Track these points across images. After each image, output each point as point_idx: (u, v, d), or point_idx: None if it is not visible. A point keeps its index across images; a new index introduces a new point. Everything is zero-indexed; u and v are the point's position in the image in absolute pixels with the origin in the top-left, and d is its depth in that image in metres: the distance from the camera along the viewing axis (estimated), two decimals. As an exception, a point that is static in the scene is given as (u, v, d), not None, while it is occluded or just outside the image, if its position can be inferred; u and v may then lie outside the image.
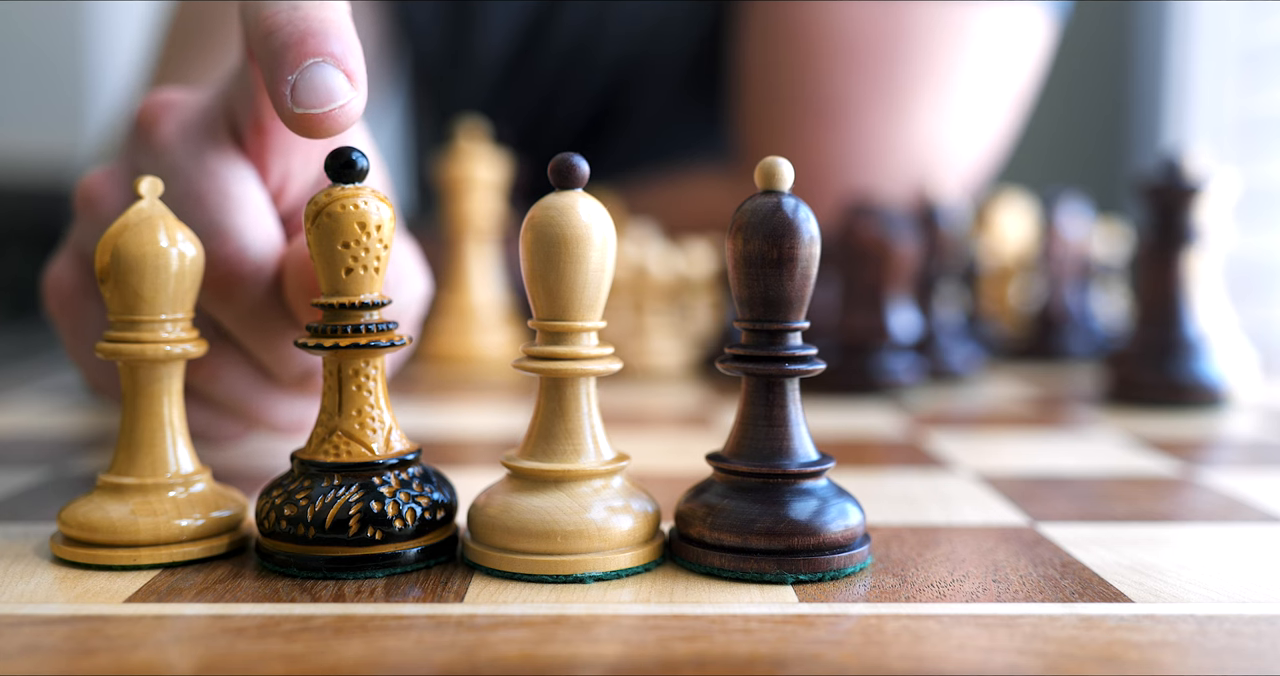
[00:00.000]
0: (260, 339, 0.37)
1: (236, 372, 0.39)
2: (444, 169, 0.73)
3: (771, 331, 0.31)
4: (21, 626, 0.26)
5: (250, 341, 0.37)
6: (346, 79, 0.30)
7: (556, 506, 0.30)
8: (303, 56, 0.30)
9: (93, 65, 1.58)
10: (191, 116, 0.37)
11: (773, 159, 0.31)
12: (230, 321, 0.37)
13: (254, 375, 0.39)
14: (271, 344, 0.37)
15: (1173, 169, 0.60)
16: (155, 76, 0.83)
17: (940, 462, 0.46)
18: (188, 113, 0.37)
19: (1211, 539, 0.35)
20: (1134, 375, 0.60)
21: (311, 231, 0.31)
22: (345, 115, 0.30)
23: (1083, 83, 1.71)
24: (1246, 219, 1.20)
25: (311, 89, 0.30)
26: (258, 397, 0.39)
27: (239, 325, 0.37)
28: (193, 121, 0.37)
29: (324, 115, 0.30)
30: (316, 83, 0.30)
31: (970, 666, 0.25)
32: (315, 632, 0.26)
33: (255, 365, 0.39)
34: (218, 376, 0.38)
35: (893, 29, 0.79)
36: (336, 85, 0.30)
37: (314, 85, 0.30)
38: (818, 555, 0.30)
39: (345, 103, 0.30)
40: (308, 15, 0.31)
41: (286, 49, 0.30)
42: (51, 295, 0.40)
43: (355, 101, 0.30)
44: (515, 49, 0.94)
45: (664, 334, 0.71)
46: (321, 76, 0.30)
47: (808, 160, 0.79)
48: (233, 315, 0.37)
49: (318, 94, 0.30)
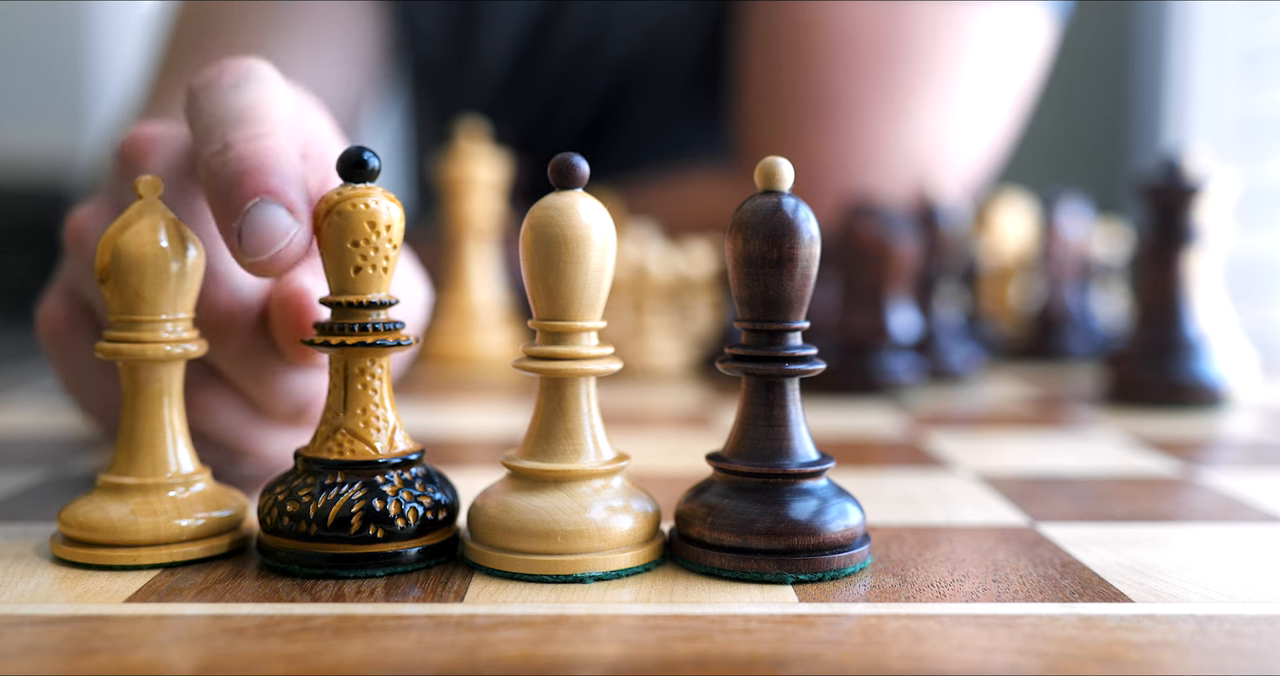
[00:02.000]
0: (252, 377, 0.37)
1: (230, 409, 0.39)
2: (444, 169, 0.73)
3: (771, 331, 0.31)
4: (21, 626, 0.26)
5: (243, 380, 0.38)
6: (287, 211, 0.31)
7: (556, 506, 0.30)
8: (242, 200, 0.31)
9: (93, 65, 1.58)
10: (176, 152, 0.37)
11: (773, 159, 0.31)
12: (223, 361, 0.37)
13: (247, 411, 0.39)
14: (263, 381, 0.38)
15: (1173, 169, 0.60)
16: (156, 81, 0.83)
17: (940, 462, 0.46)
18: (172, 148, 0.37)
19: (1211, 539, 0.35)
20: (1134, 375, 0.60)
21: (322, 229, 0.31)
22: (292, 252, 0.31)
23: (1083, 83, 1.71)
24: (1246, 219, 1.20)
25: (255, 235, 0.30)
26: (251, 432, 0.40)
27: (231, 365, 0.37)
28: (176, 156, 0.37)
29: (271, 259, 0.31)
30: (259, 227, 0.30)
31: (970, 666, 0.25)
32: (315, 632, 0.26)
33: (248, 401, 0.39)
34: (212, 414, 0.39)
35: (894, 29, 0.79)
36: (278, 224, 0.31)
37: (257, 230, 0.30)
38: (818, 555, 0.30)
39: (290, 238, 0.31)
40: (240, 154, 0.31)
41: (227, 195, 0.31)
42: (44, 331, 0.40)
43: (299, 234, 0.31)
44: (519, 50, 0.94)
45: (664, 334, 0.71)
46: (263, 219, 0.30)
47: (808, 160, 0.79)
48: (225, 355, 0.37)
49: (262, 240, 0.30)
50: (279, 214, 0.31)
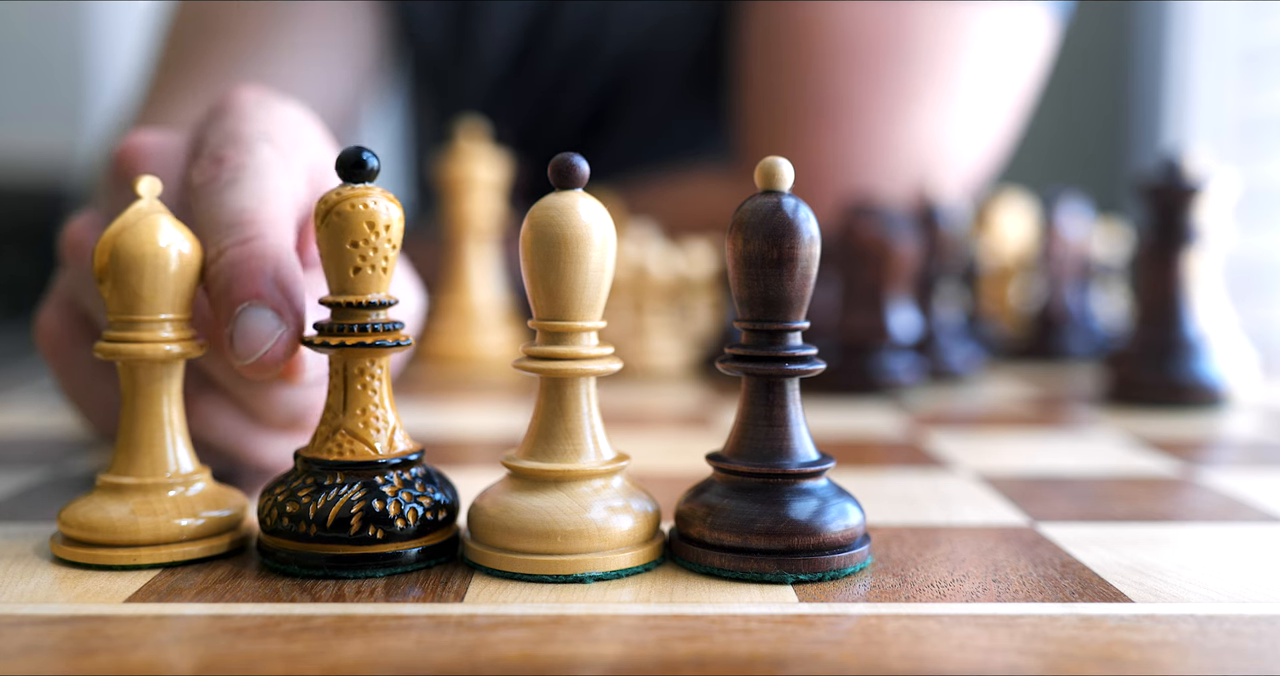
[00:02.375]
0: (250, 389, 0.38)
1: (228, 419, 0.39)
2: (444, 169, 0.73)
3: (771, 331, 0.31)
4: (21, 626, 0.26)
5: (241, 391, 0.38)
6: (274, 314, 0.32)
7: (556, 506, 0.30)
8: (232, 306, 0.32)
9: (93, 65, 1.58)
10: (169, 160, 0.38)
11: (773, 159, 0.31)
12: (221, 372, 0.38)
13: (245, 420, 0.40)
14: (261, 393, 0.38)
15: (1173, 169, 0.60)
16: (155, 81, 0.83)
17: (940, 462, 0.46)
18: (165, 157, 0.38)
19: (1211, 539, 0.35)
20: (1134, 375, 0.60)
21: (320, 230, 0.31)
22: (278, 352, 0.32)
23: (1083, 83, 1.71)
24: (1246, 219, 1.20)
25: (244, 338, 0.32)
26: (249, 440, 0.40)
27: (229, 377, 0.37)
28: (171, 166, 0.38)
29: (259, 361, 0.32)
30: (248, 330, 0.32)
31: (970, 666, 0.25)
32: (315, 632, 0.26)
33: (245, 411, 0.39)
34: (210, 425, 0.39)
35: (894, 29, 0.79)
36: (263, 328, 0.32)
37: (245, 333, 0.32)
38: (818, 555, 0.30)
39: (276, 339, 0.32)
40: (232, 260, 0.33)
41: (220, 301, 0.33)
42: (42, 341, 0.40)
43: (284, 335, 0.32)
44: (517, 48, 0.94)
45: (664, 334, 0.71)
46: (250, 323, 0.32)
47: (809, 160, 0.79)
48: (223, 366, 0.37)
49: (249, 342, 0.32)
50: (264, 317, 0.32)
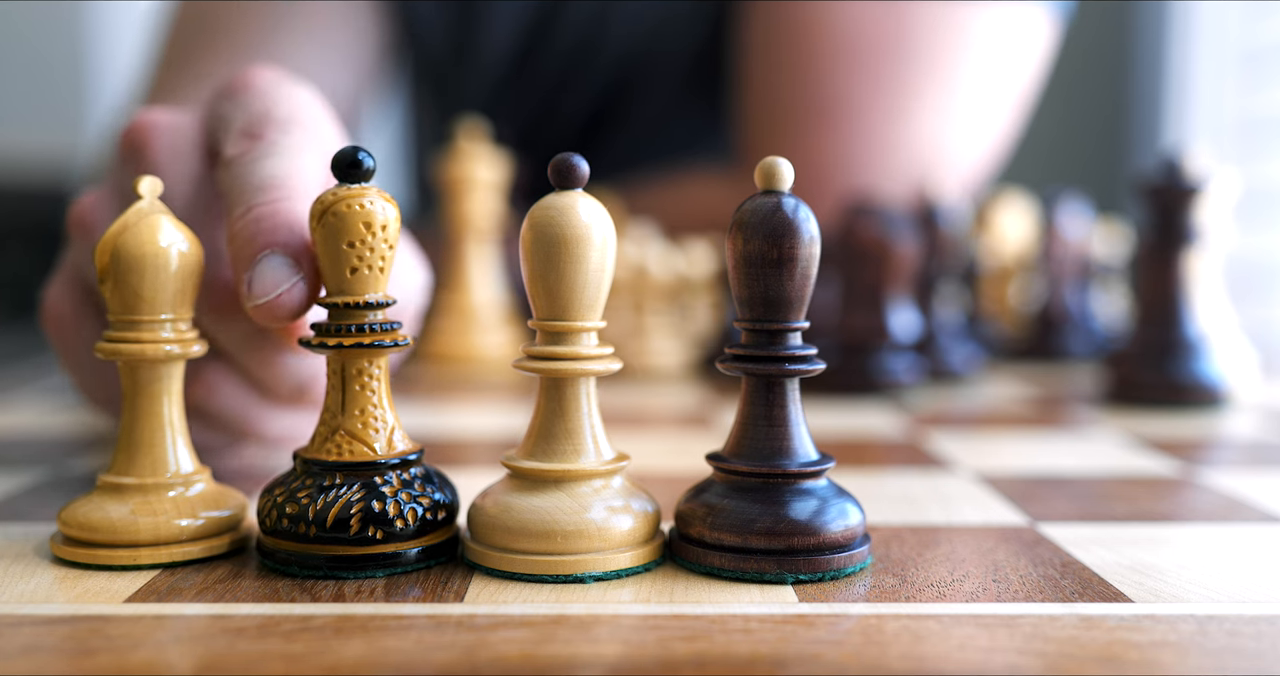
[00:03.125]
0: (256, 357, 0.38)
1: (232, 388, 0.40)
2: (444, 169, 0.73)
3: (771, 331, 0.31)
4: (21, 626, 0.26)
5: (247, 359, 0.38)
6: (294, 263, 0.33)
7: (556, 506, 0.30)
8: (254, 253, 0.33)
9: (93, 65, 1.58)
10: (178, 138, 0.38)
11: (772, 159, 0.31)
12: (228, 341, 0.38)
13: (249, 391, 0.40)
14: (267, 361, 0.38)
15: (1173, 169, 0.60)
16: (156, 80, 0.83)
17: (940, 462, 0.46)
18: (175, 134, 0.38)
19: (1211, 539, 0.35)
20: (1134, 375, 0.60)
21: (317, 230, 0.31)
22: (292, 297, 0.33)
23: (1083, 83, 1.71)
24: (1246, 219, 1.20)
25: (260, 280, 0.33)
26: (253, 412, 0.40)
27: (237, 345, 0.38)
28: (180, 143, 0.38)
29: (272, 302, 0.33)
30: (265, 274, 0.33)
31: (970, 666, 0.25)
32: (315, 632, 0.26)
33: (250, 381, 0.39)
34: (214, 393, 0.39)
35: (894, 29, 0.79)
36: (281, 272, 0.33)
37: (263, 277, 0.33)
38: (818, 555, 0.30)
39: (291, 285, 0.33)
40: (259, 215, 0.34)
41: (242, 251, 0.33)
42: (48, 318, 0.41)
43: (299, 284, 0.33)
44: (518, 48, 0.94)
45: (664, 334, 0.71)
46: (269, 267, 0.33)
47: (809, 160, 0.79)
48: (230, 335, 0.37)
49: (265, 284, 0.33)
50: (284, 263, 0.33)
